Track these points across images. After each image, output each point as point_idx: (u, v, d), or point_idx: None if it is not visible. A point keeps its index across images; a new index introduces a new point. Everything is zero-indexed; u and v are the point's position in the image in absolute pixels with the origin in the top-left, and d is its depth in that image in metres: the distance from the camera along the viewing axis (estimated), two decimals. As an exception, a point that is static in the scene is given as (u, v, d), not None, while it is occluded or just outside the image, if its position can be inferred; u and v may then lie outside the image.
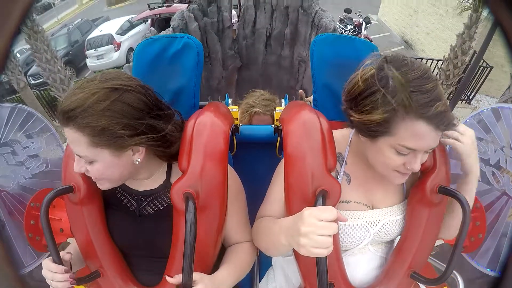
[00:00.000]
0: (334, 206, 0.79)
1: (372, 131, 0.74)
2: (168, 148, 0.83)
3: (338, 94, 0.88)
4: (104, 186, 0.81)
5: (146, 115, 0.75)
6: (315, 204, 0.72)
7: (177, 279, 0.73)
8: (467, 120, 1.60)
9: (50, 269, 0.76)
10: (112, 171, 0.76)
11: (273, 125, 1.38)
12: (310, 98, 1.58)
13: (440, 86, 0.71)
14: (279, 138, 1.28)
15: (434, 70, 5.98)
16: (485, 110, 1.56)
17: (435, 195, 0.85)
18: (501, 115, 1.53)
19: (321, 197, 0.73)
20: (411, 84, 0.68)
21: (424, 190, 0.85)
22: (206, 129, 0.85)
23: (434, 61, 6.51)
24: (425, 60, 6.52)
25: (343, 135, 0.92)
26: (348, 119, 0.82)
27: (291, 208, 0.82)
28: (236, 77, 4.42)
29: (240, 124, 1.36)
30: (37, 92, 7.27)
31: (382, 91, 0.70)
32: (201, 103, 1.09)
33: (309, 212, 0.67)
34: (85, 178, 0.86)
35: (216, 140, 0.85)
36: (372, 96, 0.72)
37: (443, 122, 0.69)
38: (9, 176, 1.49)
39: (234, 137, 1.31)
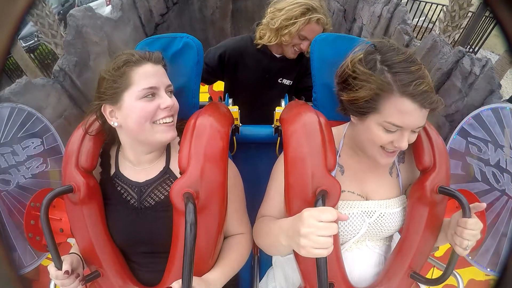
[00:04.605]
0: (334, 206, 0.80)
1: (361, 108, 0.79)
2: None
3: None
4: (174, 126, 0.90)
5: None
6: (315, 204, 0.72)
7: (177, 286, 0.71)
8: (468, 120, 1.60)
9: (55, 277, 0.78)
10: None
11: (273, 125, 1.38)
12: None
13: (425, 70, 0.76)
14: (279, 138, 1.28)
15: (439, 14, 5.73)
16: (485, 110, 1.56)
17: (435, 195, 0.85)
18: (501, 115, 1.53)
19: (321, 197, 0.73)
20: (396, 66, 0.74)
21: (424, 190, 0.85)
22: (206, 129, 0.85)
23: (439, 5, 6.20)
24: (430, 4, 6.35)
25: (338, 131, 0.95)
26: (339, 102, 0.87)
27: (291, 208, 0.82)
28: (231, 8, 4.03)
29: (239, 122, 1.35)
30: (30, 55, 7.00)
31: (369, 72, 0.76)
32: (201, 103, 1.09)
33: (308, 213, 0.67)
34: (85, 177, 0.86)
35: (216, 141, 0.85)
36: (360, 76, 0.78)
37: (427, 100, 0.73)
38: (9, 176, 1.49)
39: (234, 137, 1.31)
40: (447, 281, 0.83)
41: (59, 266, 0.77)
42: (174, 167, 0.92)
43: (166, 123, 0.86)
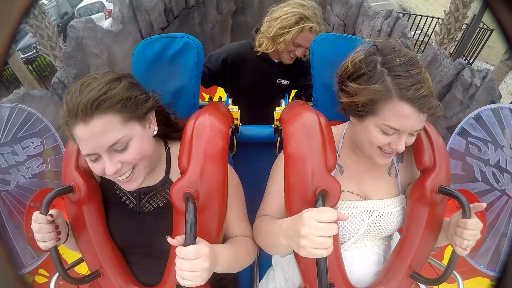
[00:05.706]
0: (334, 206, 0.80)
1: (359, 111, 0.79)
2: (167, 122, 0.92)
3: None
4: (140, 175, 0.79)
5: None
6: (315, 204, 0.72)
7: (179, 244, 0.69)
8: (468, 120, 1.60)
9: (36, 221, 0.76)
10: (147, 145, 0.79)
11: (273, 125, 1.38)
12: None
13: (426, 73, 0.75)
14: (279, 138, 1.28)
15: (435, 27, 5.82)
16: (485, 110, 1.56)
17: (435, 195, 0.85)
18: (501, 115, 1.53)
19: (321, 197, 0.73)
20: (397, 69, 0.74)
21: (424, 190, 0.85)
22: (206, 129, 0.85)
23: (434, 18, 6.33)
24: (425, 18, 6.46)
25: (338, 130, 0.95)
26: (339, 101, 0.87)
27: (291, 208, 0.82)
28: (231, 23, 4.11)
29: (239, 122, 1.35)
30: (28, 66, 6.97)
31: (368, 74, 0.76)
32: (201, 103, 1.09)
33: (308, 214, 0.67)
34: (85, 178, 0.86)
35: (216, 140, 0.85)
36: (359, 78, 0.77)
37: (426, 105, 0.72)
38: (9, 176, 1.49)
39: (234, 137, 1.31)
40: (448, 283, 0.83)
41: (60, 271, 0.77)
42: (174, 177, 0.90)
43: (121, 179, 0.77)
